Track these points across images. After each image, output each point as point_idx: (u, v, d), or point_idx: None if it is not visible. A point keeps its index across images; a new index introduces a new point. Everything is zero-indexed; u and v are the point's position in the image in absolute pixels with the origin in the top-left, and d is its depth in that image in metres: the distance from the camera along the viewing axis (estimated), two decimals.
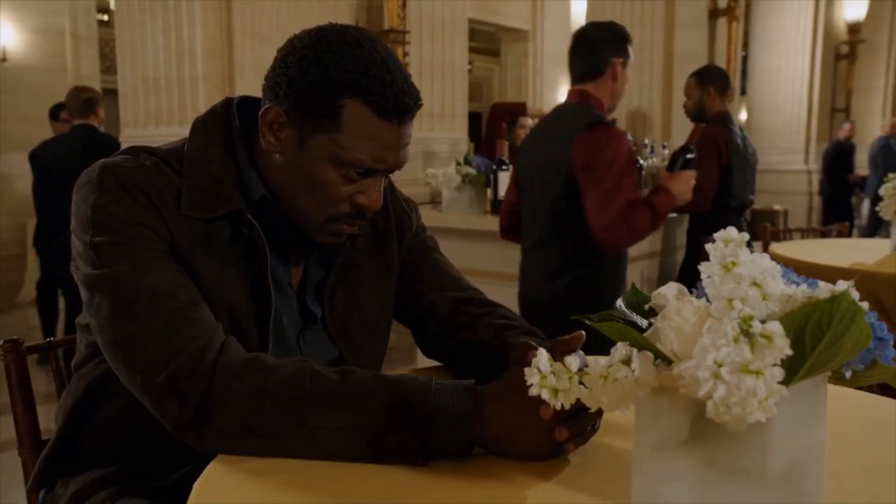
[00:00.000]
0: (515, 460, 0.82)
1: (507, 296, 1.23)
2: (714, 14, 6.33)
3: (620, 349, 0.68)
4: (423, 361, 1.24)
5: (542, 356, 0.69)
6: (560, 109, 2.49)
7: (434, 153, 3.94)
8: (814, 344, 0.61)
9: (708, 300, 0.66)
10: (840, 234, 3.56)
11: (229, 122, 1.05)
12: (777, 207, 7.64)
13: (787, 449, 0.64)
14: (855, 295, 0.62)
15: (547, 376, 0.67)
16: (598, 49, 2.33)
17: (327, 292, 1.09)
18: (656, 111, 6.04)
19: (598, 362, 0.68)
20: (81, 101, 4.18)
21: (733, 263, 0.62)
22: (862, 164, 8.37)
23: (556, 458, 0.83)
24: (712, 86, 3.48)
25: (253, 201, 1.01)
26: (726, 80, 3.60)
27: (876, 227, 8.05)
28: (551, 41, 10.46)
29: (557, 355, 0.81)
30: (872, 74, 9.52)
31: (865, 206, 8.50)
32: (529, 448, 0.82)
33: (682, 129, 5.95)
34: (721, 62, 6.38)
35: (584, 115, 2.28)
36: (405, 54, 3.60)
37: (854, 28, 8.73)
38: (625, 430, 0.83)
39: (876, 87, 9.68)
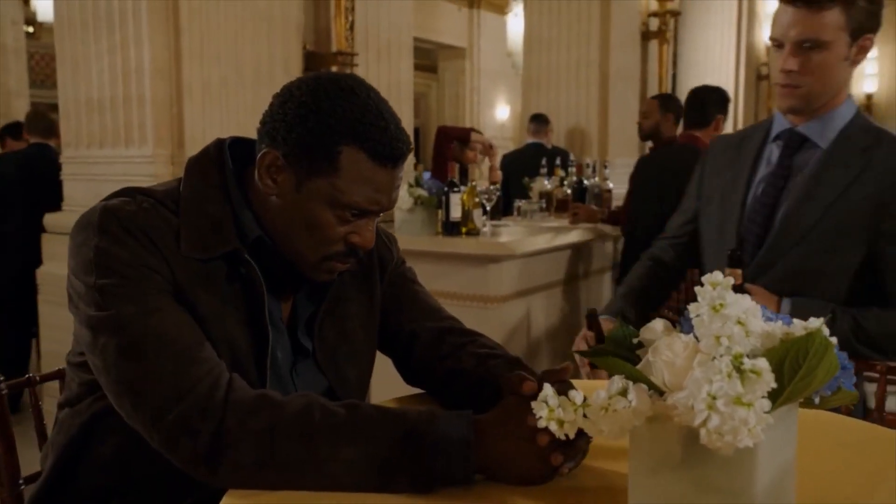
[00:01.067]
0: (515, 485, 0.88)
1: (459, 313, 1.31)
2: (646, 36, 6.57)
3: (617, 381, 0.75)
4: (377, 383, 1.29)
5: (548, 390, 0.75)
6: (679, 146, 3.45)
7: None
8: (791, 376, 0.69)
9: (696, 336, 0.74)
10: None
11: (222, 163, 1.08)
12: None
13: (768, 468, 0.72)
14: (825, 331, 0.71)
15: (555, 409, 0.73)
16: (707, 107, 3.42)
17: (317, 326, 1.13)
18: (593, 129, 6.22)
19: (598, 395, 0.74)
20: (47, 122, 4.14)
21: (721, 305, 0.69)
22: None
23: (552, 481, 0.89)
24: (672, 113, 3.71)
25: (249, 241, 1.05)
26: (682, 110, 3.79)
27: None
28: (487, 59, 10.64)
29: (555, 378, 0.89)
30: None
31: None
32: (528, 473, 0.88)
33: (619, 147, 6.14)
34: (653, 81, 6.63)
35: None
36: None
37: (771, 50, 9.19)
38: (615, 453, 0.90)
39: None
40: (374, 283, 1.22)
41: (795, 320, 0.72)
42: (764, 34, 9.12)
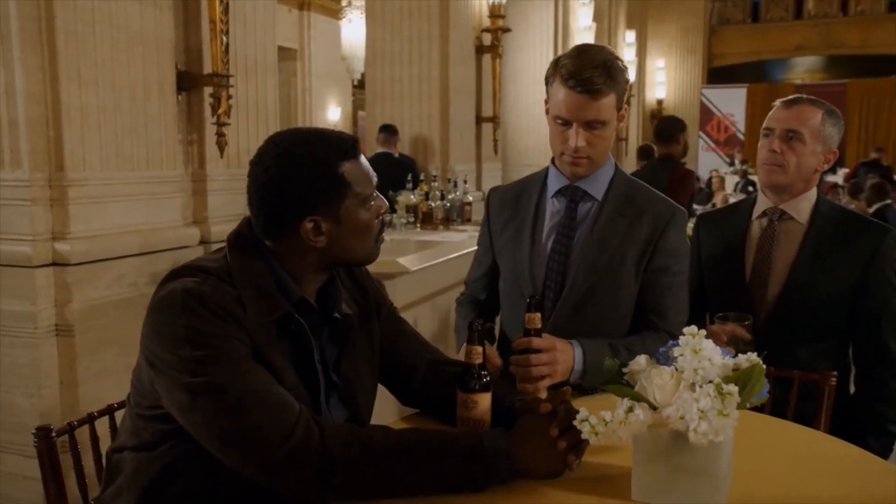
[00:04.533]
0: (540, 479, 1.20)
1: None
2: (479, 50, 7.05)
3: (625, 402, 1.09)
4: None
5: (585, 412, 1.08)
6: None
7: None
8: (740, 391, 1.06)
9: (675, 368, 1.10)
10: None
11: (255, 238, 1.29)
12: None
13: (725, 455, 1.09)
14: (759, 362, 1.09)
15: (595, 425, 1.06)
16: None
17: (342, 366, 1.37)
18: (436, 138, 6.62)
19: (618, 413, 1.07)
20: None
21: (699, 349, 1.05)
22: None
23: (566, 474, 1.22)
24: None
25: (294, 301, 1.27)
26: None
27: None
28: (319, 61, 10.73)
29: (556, 403, 1.22)
30: None
31: None
32: (550, 470, 1.20)
33: (459, 154, 6.58)
34: (487, 94, 7.15)
35: None
36: (229, 97, 3.74)
37: None
38: (603, 451, 1.24)
39: None
40: (374, 325, 1.47)
41: (740, 355, 1.10)
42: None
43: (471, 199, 4.50)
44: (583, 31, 9.88)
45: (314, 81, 10.83)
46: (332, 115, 11.20)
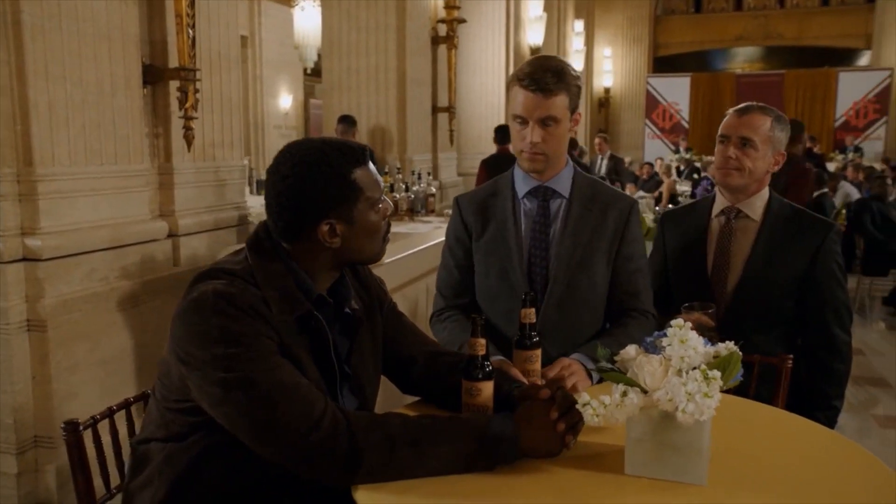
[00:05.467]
0: (541, 458, 1.31)
1: None
2: (435, 41, 7.13)
3: (620, 388, 1.22)
4: None
5: (586, 397, 1.20)
6: None
7: (225, 181, 4.11)
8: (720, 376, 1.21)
9: (663, 356, 1.23)
10: None
11: (273, 241, 1.38)
12: None
13: (706, 432, 1.23)
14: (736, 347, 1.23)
15: (596, 408, 1.19)
16: None
17: (353, 358, 1.47)
18: (393, 128, 6.69)
19: (614, 397, 1.21)
20: None
21: (686, 339, 1.19)
22: None
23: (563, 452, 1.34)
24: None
25: (312, 299, 1.37)
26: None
27: None
28: (271, 49, 10.65)
29: (553, 389, 1.34)
30: None
31: None
32: (550, 449, 1.31)
33: (416, 144, 6.67)
34: (443, 84, 7.23)
35: None
36: (196, 91, 3.75)
37: (535, 50, 10.31)
38: (595, 432, 1.37)
39: None
40: (377, 320, 1.57)
41: (720, 343, 1.24)
42: (528, 37, 10.21)
43: (434, 190, 4.60)
44: (534, 21, 10.04)
45: (265, 69, 10.73)
46: (284, 102, 11.13)
